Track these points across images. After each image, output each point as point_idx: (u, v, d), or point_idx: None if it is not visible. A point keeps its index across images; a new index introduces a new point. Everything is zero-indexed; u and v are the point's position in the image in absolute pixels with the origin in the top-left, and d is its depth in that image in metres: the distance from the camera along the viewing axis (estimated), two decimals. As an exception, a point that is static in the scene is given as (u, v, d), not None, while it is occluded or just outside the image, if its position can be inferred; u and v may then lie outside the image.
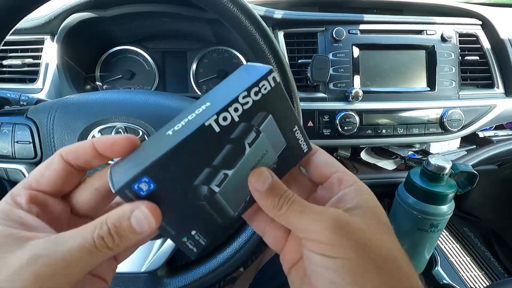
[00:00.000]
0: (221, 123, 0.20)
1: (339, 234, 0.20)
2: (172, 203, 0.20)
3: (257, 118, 0.21)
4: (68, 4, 0.60)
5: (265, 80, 0.21)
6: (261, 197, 0.22)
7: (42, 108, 0.39)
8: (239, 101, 0.20)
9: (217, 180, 0.21)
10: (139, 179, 0.18)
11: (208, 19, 0.63)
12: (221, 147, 0.21)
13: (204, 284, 0.41)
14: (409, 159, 0.71)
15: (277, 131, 0.22)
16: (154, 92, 0.62)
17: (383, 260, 0.19)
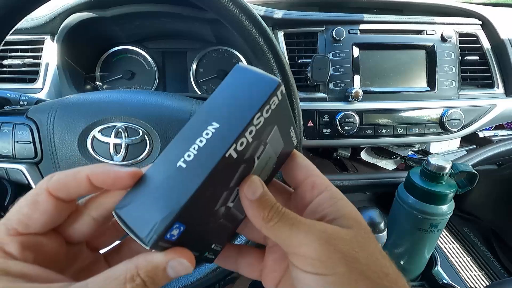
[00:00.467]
0: (238, 149, 0.19)
1: (327, 249, 0.19)
2: (196, 232, 0.20)
3: (266, 132, 0.21)
4: (68, 4, 0.60)
5: (275, 96, 0.20)
6: (251, 207, 0.21)
7: (42, 108, 0.39)
8: (254, 123, 0.19)
9: (232, 197, 0.21)
10: (172, 227, 0.17)
11: (208, 19, 0.63)
12: (237, 169, 0.20)
13: (204, 284, 0.41)
14: (409, 159, 0.71)
15: (279, 137, 0.22)
16: (154, 92, 0.62)
17: (371, 269, 0.19)
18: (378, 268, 0.20)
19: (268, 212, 0.20)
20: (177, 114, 0.38)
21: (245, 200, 0.21)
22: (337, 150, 0.71)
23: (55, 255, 0.19)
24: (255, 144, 0.20)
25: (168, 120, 0.38)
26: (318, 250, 0.19)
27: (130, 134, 0.37)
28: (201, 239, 0.21)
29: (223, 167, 0.18)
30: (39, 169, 0.39)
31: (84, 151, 0.37)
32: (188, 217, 0.18)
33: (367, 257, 0.20)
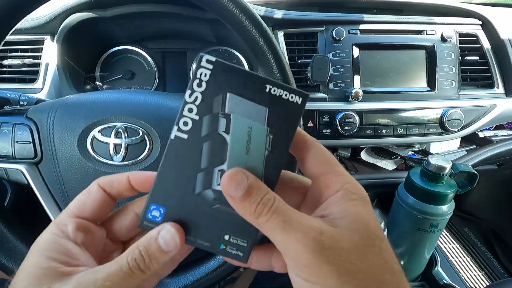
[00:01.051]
0: (185, 129, 0.20)
1: (319, 260, 0.18)
2: (189, 217, 0.21)
3: (216, 104, 0.20)
4: (68, 4, 0.60)
5: (201, 69, 0.20)
6: (235, 203, 0.20)
7: (42, 108, 0.39)
8: (187, 101, 0.20)
9: (216, 179, 0.21)
10: (149, 209, 0.21)
11: (208, 19, 0.63)
12: (199, 148, 0.21)
13: (204, 284, 0.41)
14: (409, 159, 0.71)
15: (248, 103, 0.21)
16: (154, 92, 0.62)
17: (367, 284, 0.18)
18: (375, 283, 0.18)
19: (256, 207, 0.19)
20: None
21: (228, 198, 0.20)
22: (337, 150, 0.71)
23: (97, 243, 0.23)
24: (208, 120, 0.20)
25: (168, 120, 0.38)
26: (309, 260, 0.18)
27: (130, 134, 0.37)
28: (200, 226, 0.21)
29: (177, 149, 0.21)
30: (38, 169, 0.39)
31: (84, 151, 0.37)
32: (162, 199, 0.21)
33: (365, 270, 0.18)
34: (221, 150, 0.21)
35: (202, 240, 0.21)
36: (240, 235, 0.22)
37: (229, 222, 0.21)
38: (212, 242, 0.22)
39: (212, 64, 0.20)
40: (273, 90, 0.21)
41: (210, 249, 0.22)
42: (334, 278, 0.18)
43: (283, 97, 0.21)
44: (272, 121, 0.21)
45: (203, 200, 0.21)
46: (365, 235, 0.19)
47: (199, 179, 0.21)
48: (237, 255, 0.22)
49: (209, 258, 0.42)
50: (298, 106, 0.21)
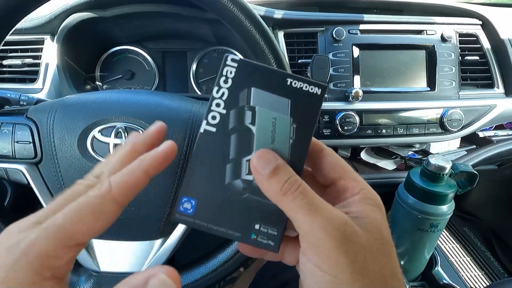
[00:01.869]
0: (213, 122, 0.22)
1: (339, 249, 0.18)
2: (220, 208, 0.22)
3: (242, 98, 0.22)
4: (68, 4, 0.60)
5: (227, 67, 0.22)
6: (263, 180, 0.20)
7: (42, 108, 0.39)
8: (215, 96, 0.22)
9: (245, 169, 0.22)
10: (180, 201, 0.22)
11: (208, 19, 0.63)
12: (227, 140, 0.22)
13: (204, 284, 0.41)
14: (409, 159, 0.71)
15: (271, 96, 0.22)
16: (154, 92, 0.62)
17: (375, 286, 0.18)
18: (383, 286, 0.19)
19: (283, 184, 0.20)
20: (177, 114, 0.38)
21: (255, 174, 0.20)
22: (337, 150, 0.71)
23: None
24: (235, 113, 0.22)
25: (168, 120, 0.38)
26: (328, 247, 0.18)
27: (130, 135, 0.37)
28: (231, 216, 0.22)
29: (206, 142, 0.22)
30: (39, 169, 0.39)
31: (84, 151, 0.37)
32: (193, 191, 0.22)
33: (376, 271, 0.19)
34: (248, 141, 0.22)
35: (233, 231, 0.22)
36: (271, 223, 0.22)
37: (259, 211, 0.22)
38: (243, 232, 0.22)
39: (236, 63, 0.22)
40: (293, 83, 0.22)
41: (241, 239, 0.22)
42: (347, 273, 0.18)
43: (303, 89, 0.22)
44: (294, 111, 0.22)
45: (233, 190, 0.22)
46: (380, 239, 0.20)
47: (228, 169, 0.22)
48: (268, 244, 0.22)
49: (209, 258, 0.42)
50: (318, 96, 0.23)
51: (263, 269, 0.61)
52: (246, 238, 0.22)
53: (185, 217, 0.22)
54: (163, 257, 0.41)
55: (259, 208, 0.22)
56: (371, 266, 0.19)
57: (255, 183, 0.22)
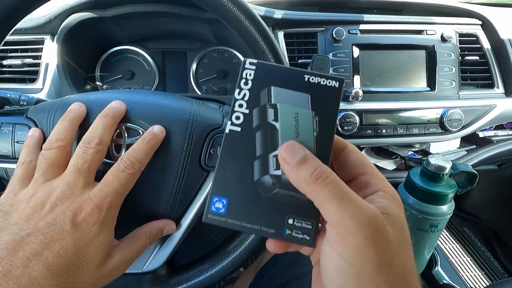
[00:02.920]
0: (237, 122, 0.23)
1: (369, 240, 0.18)
2: (252, 206, 0.22)
3: (263, 98, 0.23)
4: (68, 4, 0.60)
5: (246, 70, 0.23)
6: (292, 169, 0.20)
7: (42, 108, 0.39)
8: (237, 98, 0.23)
9: (272, 164, 0.22)
10: (212, 201, 0.22)
11: (208, 19, 0.63)
12: (253, 138, 0.23)
13: (204, 284, 0.41)
14: (409, 159, 0.71)
15: (290, 92, 0.23)
16: (154, 92, 0.62)
17: (397, 283, 0.18)
18: (404, 282, 0.18)
19: (313, 172, 0.19)
20: (177, 114, 0.38)
21: (284, 164, 0.21)
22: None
23: None
24: (258, 112, 0.23)
25: (168, 120, 0.38)
26: (357, 238, 0.18)
27: (130, 134, 0.37)
28: (264, 213, 0.22)
29: (233, 142, 0.23)
30: None
31: (84, 151, 0.37)
32: (224, 190, 0.22)
33: (399, 266, 0.19)
34: (273, 137, 0.22)
35: (267, 227, 0.22)
36: (304, 217, 0.22)
37: (291, 205, 0.22)
38: (277, 228, 0.22)
39: (254, 65, 0.23)
40: (311, 78, 0.23)
41: (275, 236, 0.22)
42: (373, 266, 0.18)
43: (321, 83, 0.23)
44: (315, 105, 0.23)
45: (263, 186, 0.22)
46: (403, 236, 0.20)
47: (256, 166, 0.22)
48: (304, 239, 0.22)
49: (209, 258, 0.42)
50: (336, 89, 0.23)
51: (263, 269, 0.61)
52: (280, 234, 0.22)
53: (217, 217, 0.22)
54: (163, 257, 0.41)
55: (291, 202, 0.22)
56: (396, 261, 0.19)
57: (284, 178, 0.22)
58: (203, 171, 0.39)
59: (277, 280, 0.55)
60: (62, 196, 0.26)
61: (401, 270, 0.19)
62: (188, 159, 0.37)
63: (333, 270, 0.19)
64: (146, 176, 0.37)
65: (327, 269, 0.20)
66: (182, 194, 0.38)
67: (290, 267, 0.55)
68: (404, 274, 0.19)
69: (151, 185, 0.37)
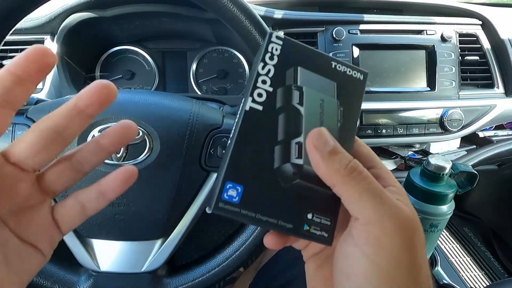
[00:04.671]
0: (259, 100, 0.20)
1: (403, 245, 0.17)
2: (269, 196, 0.20)
3: (288, 77, 0.21)
4: (68, 4, 0.60)
5: (271, 44, 0.21)
6: (323, 159, 0.18)
7: (42, 108, 0.39)
8: (261, 72, 0.20)
9: (295, 152, 0.20)
10: (224, 188, 0.19)
11: (208, 19, 0.63)
12: (275, 120, 0.20)
13: (204, 284, 0.41)
14: (409, 159, 0.71)
15: (317, 77, 0.21)
16: (154, 92, 0.62)
17: (415, 278, 0.17)
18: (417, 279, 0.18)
19: (348, 164, 0.18)
20: (177, 114, 0.38)
21: (314, 152, 0.19)
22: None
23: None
24: (282, 91, 0.20)
25: (168, 120, 0.38)
26: (395, 244, 0.17)
27: (130, 134, 0.37)
28: (281, 205, 0.20)
29: (253, 121, 0.20)
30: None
31: (84, 151, 0.37)
32: (240, 176, 0.19)
33: (426, 268, 0.18)
34: (296, 122, 0.20)
35: (284, 222, 0.20)
36: (323, 212, 0.20)
37: (311, 198, 0.20)
38: (295, 222, 0.20)
39: (282, 40, 0.21)
40: (338, 66, 0.22)
41: (292, 232, 0.20)
42: (405, 271, 0.17)
43: (347, 73, 0.22)
44: (340, 94, 0.22)
45: (283, 175, 0.20)
46: (424, 237, 0.19)
47: (277, 152, 0.20)
48: (322, 236, 0.20)
49: (209, 258, 0.42)
50: (361, 81, 0.22)
51: (263, 269, 0.61)
52: (298, 230, 0.20)
53: (230, 206, 0.19)
54: (163, 257, 0.41)
55: (311, 195, 0.20)
56: (424, 265, 0.18)
57: (306, 168, 0.20)
58: (203, 171, 0.39)
59: (277, 280, 0.55)
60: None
61: (427, 274, 0.18)
62: (188, 159, 0.37)
63: (358, 273, 0.18)
64: (146, 176, 0.37)
65: (350, 272, 0.18)
66: (182, 194, 0.38)
67: (290, 267, 0.55)
68: (428, 277, 0.18)
69: (151, 185, 0.37)
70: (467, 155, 0.71)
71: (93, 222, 0.38)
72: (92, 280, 0.40)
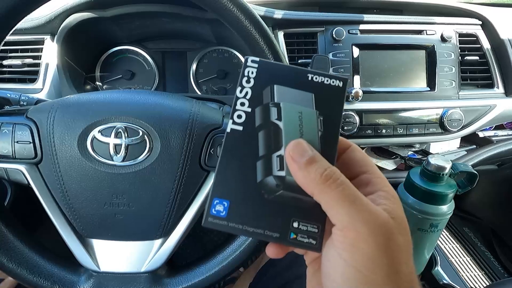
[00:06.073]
0: (239, 121, 0.22)
1: (381, 246, 0.17)
2: (254, 208, 0.21)
3: (265, 96, 0.22)
4: (68, 4, 0.60)
5: (247, 68, 0.23)
6: (300, 169, 0.19)
7: (42, 108, 0.39)
8: (239, 96, 0.22)
9: (276, 165, 0.21)
10: (212, 204, 0.21)
11: (208, 19, 0.63)
12: (255, 138, 0.22)
13: (204, 284, 0.41)
14: (409, 159, 0.71)
15: (294, 91, 0.23)
16: (154, 92, 0.62)
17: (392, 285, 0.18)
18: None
19: (323, 173, 0.19)
20: (177, 114, 0.38)
21: (292, 163, 0.20)
22: (337, 150, 0.71)
23: None
24: (260, 110, 0.22)
25: (168, 120, 0.38)
26: (368, 246, 0.17)
27: (130, 135, 0.37)
28: (267, 216, 0.21)
29: (234, 141, 0.22)
30: (39, 170, 0.39)
31: (84, 151, 0.37)
32: (225, 192, 0.21)
33: (406, 273, 0.18)
34: (276, 137, 0.22)
35: (271, 231, 0.21)
36: (310, 220, 0.21)
37: (295, 207, 0.21)
38: (281, 232, 0.21)
39: (256, 63, 0.23)
40: (315, 78, 0.23)
41: (280, 241, 0.21)
42: (382, 273, 0.17)
43: (325, 82, 0.23)
44: (319, 104, 0.23)
45: (266, 188, 0.21)
46: (409, 241, 0.19)
47: (259, 167, 0.21)
48: (310, 243, 0.21)
49: (209, 258, 0.42)
50: (340, 89, 0.23)
51: (263, 269, 0.61)
52: (285, 238, 0.21)
53: (218, 220, 0.21)
54: (163, 257, 0.41)
55: (295, 204, 0.21)
56: (404, 269, 0.18)
57: (288, 179, 0.21)
58: (203, 171, 0.39)
59: (277, 280, 0.55)
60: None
61: (409, 277, 0.18)
62: (188, 159, 0.37)
63: (337, 276, 0.18)
64: (146, 176, 0.37)
65: (331, 274, 0.19)
66: (182, 194, 0.38)
67: (290, 267, 0.55)
68: (411, 281, 0.18)
69: (151, 185, 0.37)
70: (467, 155, 0.71)
71: (93, 222, 0.38)
72: (92, 280, 0.40)
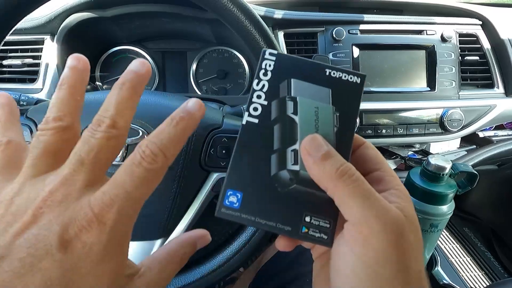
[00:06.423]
0: (255, 114, 0.22)
1: (391, 245, 0.17)
2: (267, 201, 0.21)
3: (282, 89, 0.22)
4: (68, 4, 0.60)
5: (265, 61, 0.23)
6: (315, 163, 0.19)
7: (42, 108, 0.39)
8: (256, 88, 0.22)
9: (290, 159, 0.21)
10: (226, 195, 0.21)
11: (208, 19, 0.63)
12: (270, 131, 0.22)
13: (204, 284, 0.41)
14: (409, 159, 0.71)
15: (311, 86, 0.23)
16: (154, 92, 0.62)
17: (402, 280, 0.18)
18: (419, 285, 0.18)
19: (339, 168, 0.19)
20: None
21: (307, 158, 0.20)
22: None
23: None
24: (276, 104, 0.22)
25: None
26: (380, 242, 0.17)
27: (130, 134, 0.37)
28: (279, 209, 0.21)
29: (249, 134, 0.22)
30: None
31: (84, 151, 0.37)
32: (239, 184, 0.21)
33: (416, 271, 0.18)
34: (291, 131, 0.22)
35: (282, 225, 0.21)
36: (322, 215, 0.21)
37: (308, 202, 0.21)
38: (293, 225, 0.21)
39: (274, 56, 0.23)
40: (332, 73, 0.23)
41: (291, 234, 0.21)
42: (393, 269, 0.17)
43: (343, 78, 0.23)
44: (336, 100, 0.23)
45: (280, 181, 0.21)
46: (420, 239, 0.19)
47: (273, 160, 0.21)
48: (321, 238, 0.21)
49: (209, 258, 0.42)
50: (358, 85, 0.23)
51: (263, 269, 0.61)
52: (296, 232, 0.21)
53: (231, 211, 0.21)
54: (163, 257, 0.41)
55: (308, 199, 0.21)
56: (414, 266, 0.18)
57: (302, 173, 0.21)
58: (203, 171, 0.39)
59: (277, 280, 0.55)
60: (51, 198, 0.16)
61: (418, 275, 0.18)
62: (188, 159, 0.37)
63: (348, 271, 0.18)
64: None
65: (341, 269, 0.19)
66: (182, 194, 0.38)
67: (290, 267, 0.55)
68: (419, 278, 0.18)
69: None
70: (467, 155, 0.71)
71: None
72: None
